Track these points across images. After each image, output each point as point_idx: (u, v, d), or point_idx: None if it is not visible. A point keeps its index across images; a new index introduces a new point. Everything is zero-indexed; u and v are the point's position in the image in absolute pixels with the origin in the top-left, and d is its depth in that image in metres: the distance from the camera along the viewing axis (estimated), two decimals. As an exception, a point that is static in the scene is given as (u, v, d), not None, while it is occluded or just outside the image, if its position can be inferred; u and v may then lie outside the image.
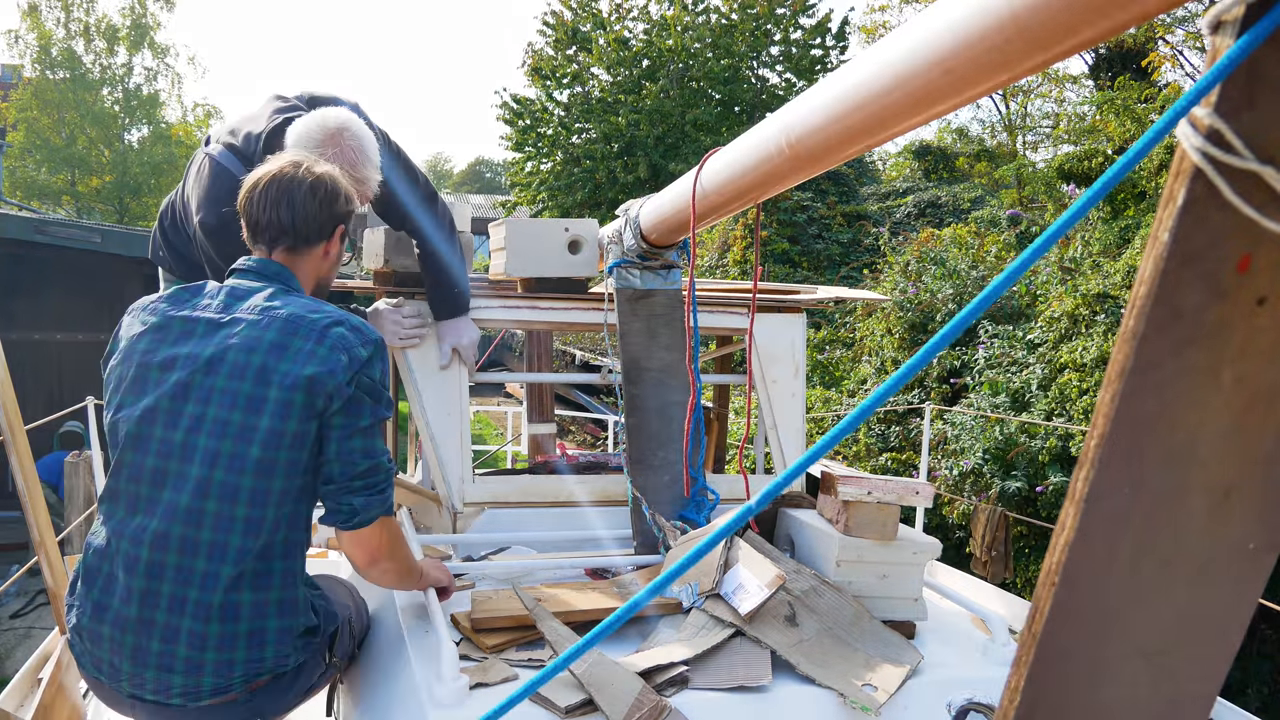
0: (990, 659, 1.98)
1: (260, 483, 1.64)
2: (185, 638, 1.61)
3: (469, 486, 2.61)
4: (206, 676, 1.62)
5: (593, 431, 15.24)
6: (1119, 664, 0.77)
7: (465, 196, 35.41)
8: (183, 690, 1.63)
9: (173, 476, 1.64)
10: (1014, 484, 6.14)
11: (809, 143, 1.52)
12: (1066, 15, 0.90)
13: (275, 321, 1.70)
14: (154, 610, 1.61)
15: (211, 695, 1.64)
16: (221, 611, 1.62)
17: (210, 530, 1.62)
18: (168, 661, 1.61)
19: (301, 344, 1.68)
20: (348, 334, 1.72)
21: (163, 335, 1.74)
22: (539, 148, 20.38)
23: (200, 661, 1.62)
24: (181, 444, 1.64)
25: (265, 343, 1.67)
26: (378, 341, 1.77)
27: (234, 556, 1.63)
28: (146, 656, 1.62)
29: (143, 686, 1.64)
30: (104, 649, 1.66)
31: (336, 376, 1.66)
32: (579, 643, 0.94)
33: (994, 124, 22.22)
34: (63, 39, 22.76)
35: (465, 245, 2.82)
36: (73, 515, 7.13)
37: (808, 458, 0.85)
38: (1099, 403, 0.72)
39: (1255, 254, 0.68)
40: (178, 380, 1.68)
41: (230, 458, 1.63)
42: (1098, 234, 8.59)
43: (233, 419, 1.64)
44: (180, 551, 1.61)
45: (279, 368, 1.65)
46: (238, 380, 1.65)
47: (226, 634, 1.63)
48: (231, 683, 1.65)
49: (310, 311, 1.74)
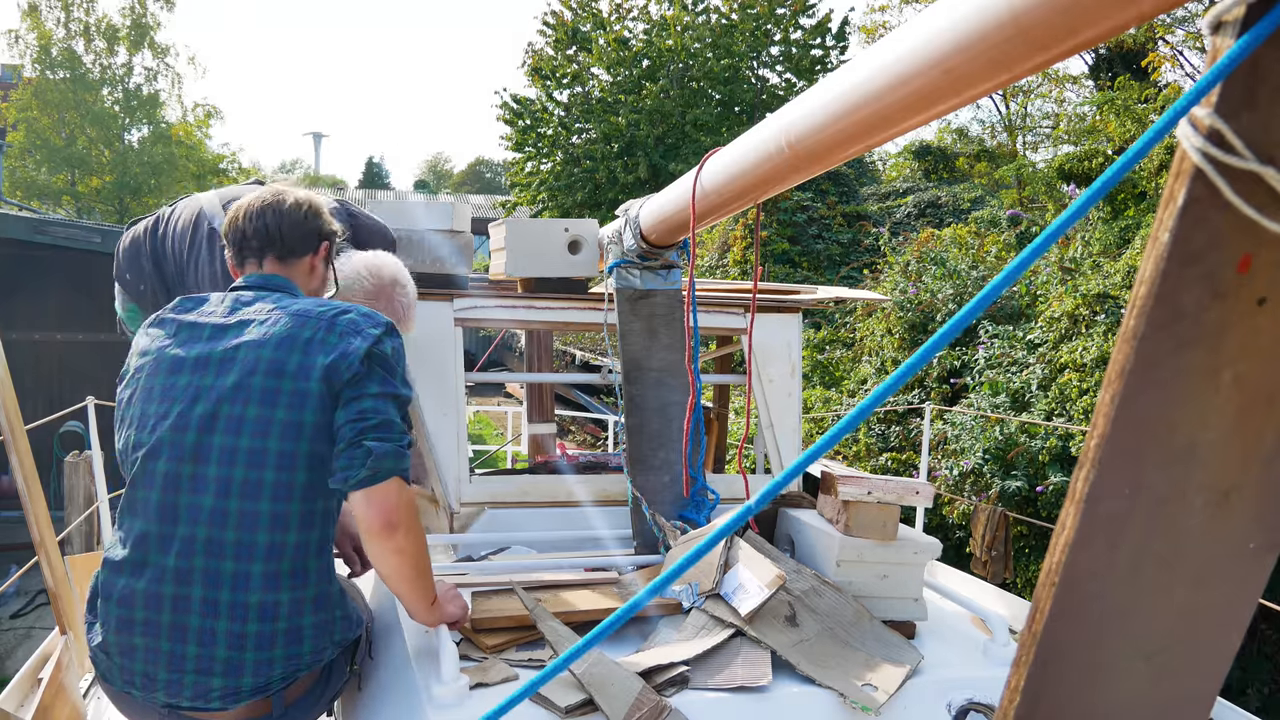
0: (990, 659, 1.98)
1: (282, 476, 1.62)
2: (224, 639, 1.59)
3: (466, 486, 2.61)
4: (246, 676, 1.60)
5: (593, 431, 15.24)
6: (1119, 664, 0.77)
7: (465, 196, 35.44)
8: (222, 692, 1.60)
9: (188, 479, 1.62)
10: (1014, 484, 6.13)
11: (809, 143, 1.51)
12: (1067, 16, 0.90)
13: (283, 317, 1.70)
14: (187, 615, 1.59)
15: (251, 695, 1.62)
16: (260, 611, 1.60)
17: (235, 529, 1.60)
18: (206, 664, 1.59)
19: (312, 334, 1.67)
20: (357, 318, 1.71)
21: (170, 343, 1.74)
22: (539, 148, 20.38)
23: (240, 662, 1.60)
24: (195, 445, 1.63)
25: (275, 337, 1.67)
26: (387, 324, 1.75)
27: (262, 554, 1.60)
28: (184, 661, 1.59)
29: (180, 694, 1.61)
30: (137, 660, 1.62)
31: (350, 359, 1.65)
32: (579, 643, 0.94)
33: (994, 124, 22.22)
34: (63, 39, 22.75)
35: (465, 245, 2.82)
36: (73, 515, 7.13)
37: (807, 457, 0.85)
38: (1099, 403, 0.72)
39: (1255, 254, 0.68)
40: (188, 384, 1.67)
41: (249, 453, 1.61)
42: (1098, 234, 8.59)
43: (248, 414, 1.62)
44: (207, 554, 1.59)
45: (291, 359, 1.65)
46: (250, 375, 1.64)
47: (265, 633, 1.61)
48: (271, 681, 1.63)
49: (316, 305, 1.74)
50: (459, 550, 2.50)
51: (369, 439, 1.60)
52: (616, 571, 2.25)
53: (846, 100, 1.36)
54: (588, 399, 15.81)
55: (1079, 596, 0.74)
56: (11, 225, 9.75)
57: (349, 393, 1.64)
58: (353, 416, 1.62)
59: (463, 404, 2.65)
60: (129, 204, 22.87)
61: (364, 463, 1.59)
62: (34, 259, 9.83)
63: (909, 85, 1.19)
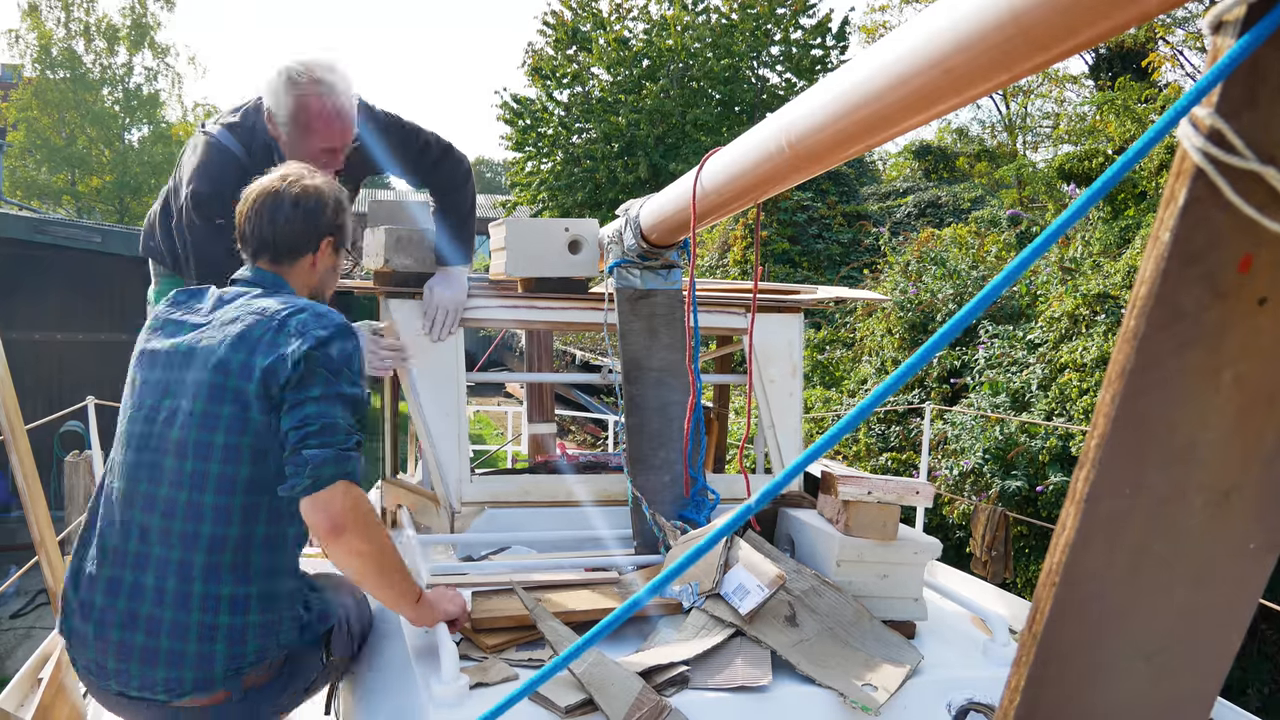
0: (990, 659, 1.98)
1: (227, 469, 1.66)
2: (168, 629, 1.62)
3: (467, 486, 2.61)
4: (188, 670, 1.63)
5: (593, 431, 15.24)
6: (1119, 664, 0.77)
7: (465, 196, 35.28)
8: (165, 684, 1.63)
9: (147, 468, 1.70)
10: (1014, 484, 6.13)
11: (809, 142, 1.51)
12: (1067, 15, 0.90)
13: (244, 315, 1.74)
14: (139, 603, 1.64)
15: (194, 689, 1.64)
16: (202, 601, 1.63)
17: (182, 520, 1.65)
18: (150, 655, 1.62)
19: (261, 334, 1.70)
20: (307, 319, 1.72)
21: (155, 337, 1.82)
22: (539, 148, 20.37)
23: (182, 653, 1.62)
24: (158, 436, 1.70)
25: (231, 336, 1.72)
26: (341, 325, 1.76)
27: (205, 544, 1.64)
28: (130, 651, 1.63)
29: (128, 683, 1.64)
30: (90, 648, 1.67)
31: (286, 361, 1.66)
32: (579, 642, 0.93)
33: (994, 124, 22.24)
34: (63, 39, 22.77)
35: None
36: (73, 515, 7.12)
37: (807, 457, 0.85)
38: (1099, 403, 0.72)
39: (1256, 254, 0.68)
40: (158, 379, 1.76)
41: (197, 445, 1.67)
42: (1098, 234, 8.59)
43: (196, 408, 1.68)
44: (162, 543, 1.65)
45: (236, 358, 1.69)
46: (202, 372, 1.70)
47: (206, 625, 1.63)
48: (213, 676, 1.64)
49: (280, 304, 1.76)
50: (459, 550, 2.51)
51: (308, 447, 1.63)
52: (616, 571, 2.24)
53: (847, 100, 1.36)
54: (588, 399, 15.80)
55: (1079, 596, 0.74)
56: (11, 225, 9.75)
57: (291, 397, 1.66)
58: (295, 423, 1.65)
59: (463, 404, 2.65)
60: (129, 204, 22.89)
61: (304, 471, 1.62)
62: (34, 259, 9.83)
63: (909, 85, 1.19)
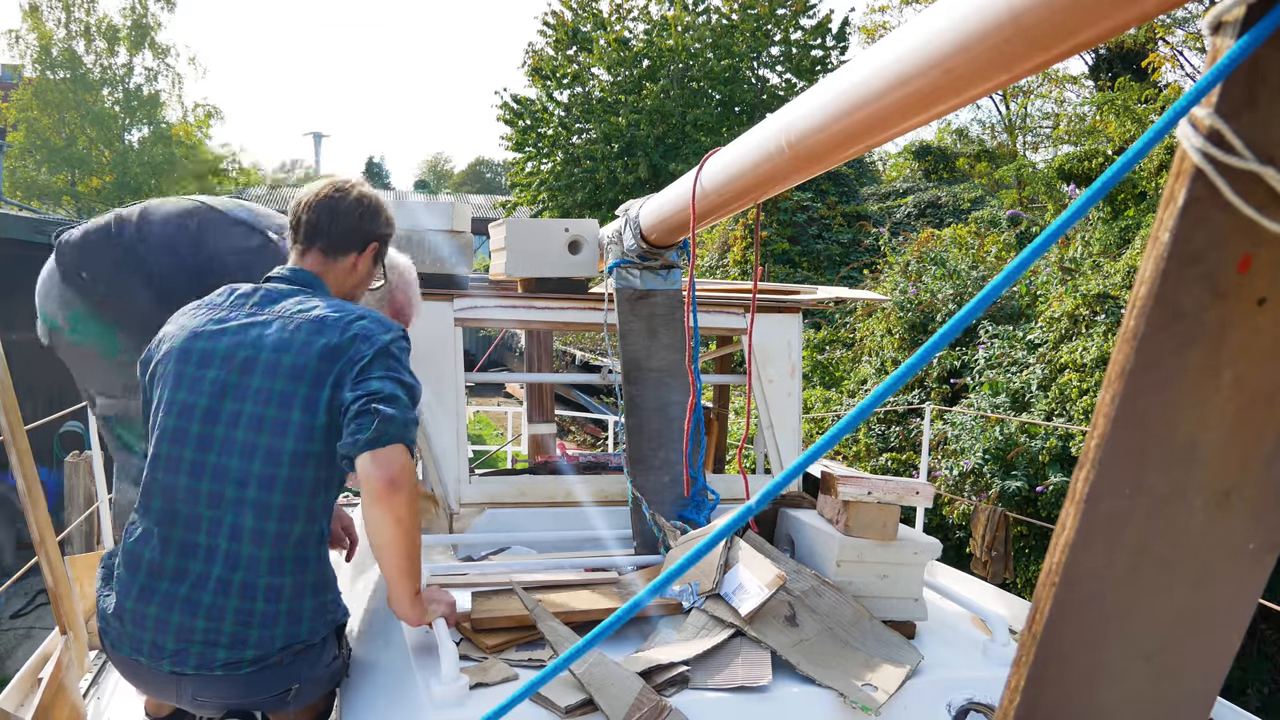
0: (990, 659, 1.98)
1: (295, 472, 1.75)
2: (232, 615, 1.73)
3: (465, 487, 2.61)
4: (249, 649, 1.74)
5: (593, 431, 15.24)
6: (1119, 664, 0.77)
7: (465, 196, 35.44)
8: (225, 663, 1.74)
9: (211, 468, 1.76)
10: (1014, 484, 6.13)
11: (809, 143, 1.51)
12: (1067, 16, 0.90)
13: (305, 323, 1.82)
14: (202, 592, 1.73)
15: (251, 666, 1.75)
16: (266, 592, 1.75)
17: (252, 517, 1.74)
18: (213, 637, 1.73)
19: (328, 340, 1.80)
20: (370, 325, 1.83)
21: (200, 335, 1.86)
22: (539, 148, 20.36)
23: (245, 637, 1.74)
24: (222, 438, 1.76)
25: (296, 343, 1.79)
26: (398, 330, 1.87)
27: (271, 541, 1.74)
28: (192, 633, 1.73)
29: (185, 663, 1.74)
30: (148, 629, 1.75)
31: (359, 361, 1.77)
32: (579, 643, 0.94)
33: (994, 124, 22.23)
34: (63, 39, 22.76)
35: (465, 245, 2.82)
36: (73, 515, 7.12)
37: (807, 457, 0.85)
38: (1099, 403, 0.72)
39: (1256, 254, 0.68)
40: (215, 378, 1.80)
41: (267, 450, 1.75)
42: (1098, 234, 8.59)
43: (267, 414, 1.76)
44: (230, 538, 1.74)
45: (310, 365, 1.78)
46: (270, 379, 1.77)
47: (269, 612, 1.75)
48: (270, 653, 1.77)
49: (335, 311, 1.85)
50: (459, 550, 2.50)
51: (377, 404, 1.70)
52: (616, 571, 2.25)
53: (846, 100, 1.36)
54: (588, 399, 15.80)
55: (1079, 596, 0.74)
56: (11, 225, 9.74)
57: (357, 378, 1.76)
58: (360, 394, 1.73)
59: (463, 404, 2.65)
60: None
61: (371, 425, 1.68)
62: (34, 259, 9.76)
63: (909, 85, 1.19)
